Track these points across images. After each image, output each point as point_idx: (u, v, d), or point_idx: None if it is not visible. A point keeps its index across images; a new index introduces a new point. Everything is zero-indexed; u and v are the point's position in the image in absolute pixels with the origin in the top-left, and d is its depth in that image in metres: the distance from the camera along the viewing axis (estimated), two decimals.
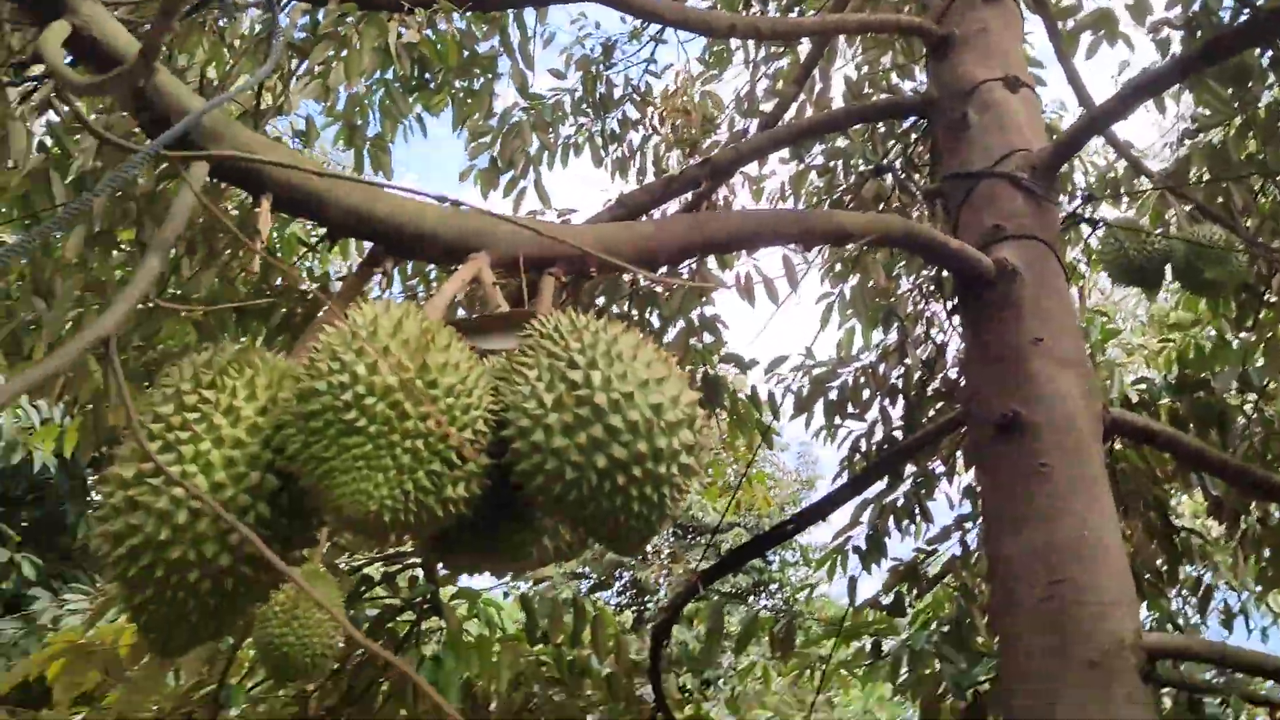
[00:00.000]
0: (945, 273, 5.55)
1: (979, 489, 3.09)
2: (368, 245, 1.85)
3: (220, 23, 4.95)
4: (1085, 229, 4.23)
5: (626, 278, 5.59)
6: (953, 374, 5.97)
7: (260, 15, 4.97)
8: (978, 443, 3.08)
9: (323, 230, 1.83)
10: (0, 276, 3.98)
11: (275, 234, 5.16)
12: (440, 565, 1.63)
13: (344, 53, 4.45)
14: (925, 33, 3.70)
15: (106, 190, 1.10)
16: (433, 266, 4.83)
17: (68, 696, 3.85)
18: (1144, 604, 5.34)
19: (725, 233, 2.33)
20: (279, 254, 5.07)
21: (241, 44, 5.07)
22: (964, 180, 3.35)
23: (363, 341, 1.39)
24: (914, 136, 5.77)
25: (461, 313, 3.86)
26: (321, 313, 1.71)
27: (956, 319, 5.47)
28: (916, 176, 5.62)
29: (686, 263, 5.66)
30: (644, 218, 4.40)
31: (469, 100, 6.33)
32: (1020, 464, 2.82)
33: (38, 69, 3.55)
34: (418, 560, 4.68)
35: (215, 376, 1.49)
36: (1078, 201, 3.93)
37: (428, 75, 6.11)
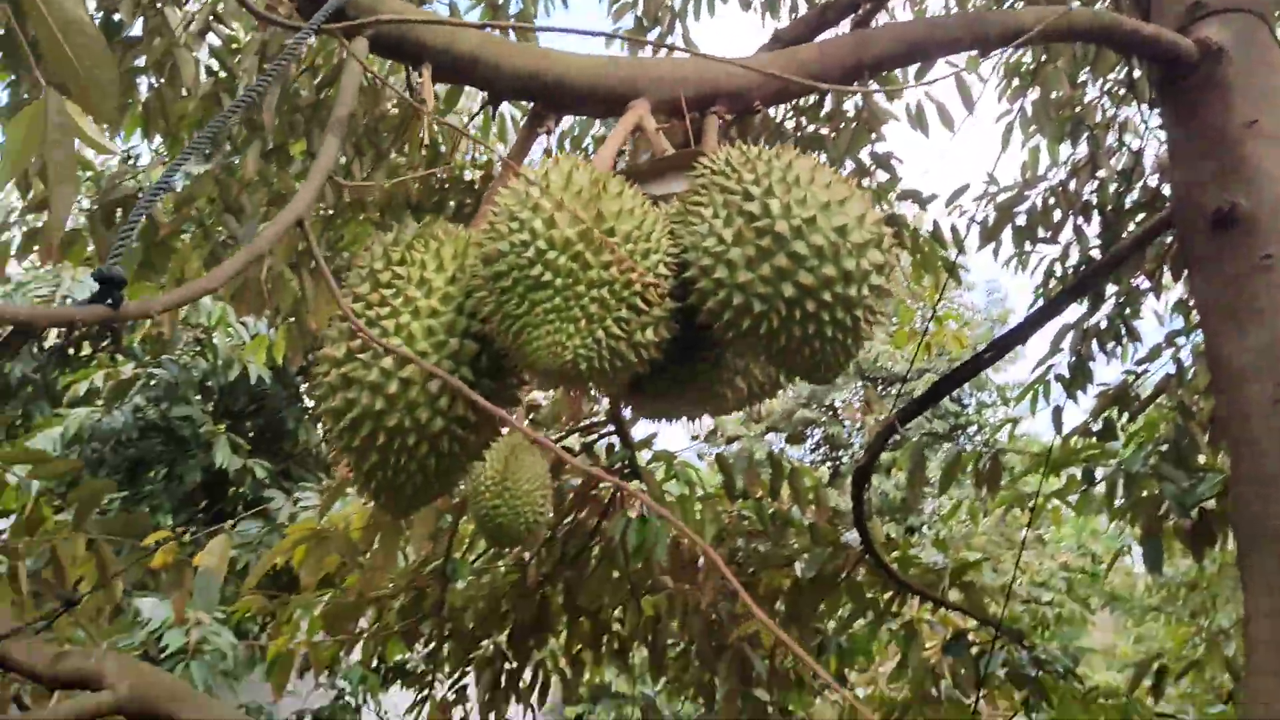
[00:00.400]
0: (1138, 72, 5.12)
1: (1192, 295, 2.87)
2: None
3: None
4: None
5: (790, 124, 5.42)
6: (1153, 181, 5.54)
7: None
8: (1191, 243, 2.85)
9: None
10: (188, 203, 4.21)
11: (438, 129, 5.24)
12: (635, 411, 1.65)
13: None
14: None
15: (279, 75, 1.12)
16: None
17: (313, 579, 4.20)
18: None
19: (892, 46, 2.18)
20: (443, 149, 5.15)
21: None
22: None
23: (537, 198, 1.39)
24: None
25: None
26: (494, 180, 1.72)
27: (1155, 120, 5.06)
28: None
29: (854, 98, 5.43)
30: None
31: None
32: (1240, 259, 2.59)
33: None
34: (613, 429, 4.82)
35: (404, 253, 1.53)
36: None
37: None
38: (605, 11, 5.98)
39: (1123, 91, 5.61)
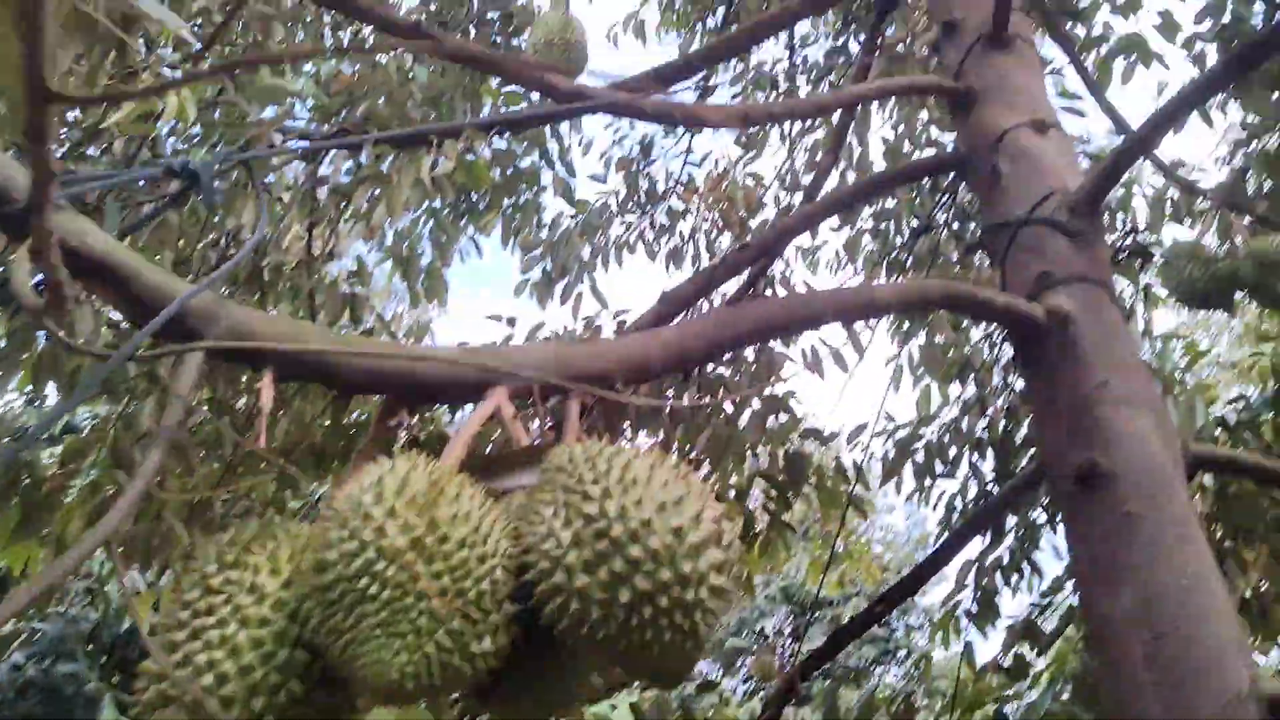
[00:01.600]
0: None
1: (1070, 546, 2.94)
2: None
3: (268, 179, 5.16)
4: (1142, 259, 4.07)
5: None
6: None
7: (305, 167, 5.17)
8: (1060, 498, 2.94)
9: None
10: (77, 457, 4.13)
11: None
12: (492, 715, 1.59)
13: (385, 193, 4.61)
14: (945, 90, 3.67)
15: (86, 394, 1.13)
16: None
17: None
18: None
19: (753, 324, 2.29)
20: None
21: (290, 194, 5.27)
22: (1003, 230, 3.27)
23: (369, 505, 1.39)
24: (962, 186, 5.69)
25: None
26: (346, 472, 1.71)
27: None
28: (972, 225, 5.53)
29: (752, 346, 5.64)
30: (692, 310, 4.40)
31: (517, 215, 6.47)
32: (1105, 515, 2.68)
33: None
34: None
35: (239, 554, 1.50)
36: (1135, 232, 3.79)
37: (475, 196, 6.28)
38: (516, 263, 6.19)
39: (1002, 336, 5.92)
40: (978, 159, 3.51)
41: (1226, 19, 5.43)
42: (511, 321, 5.51)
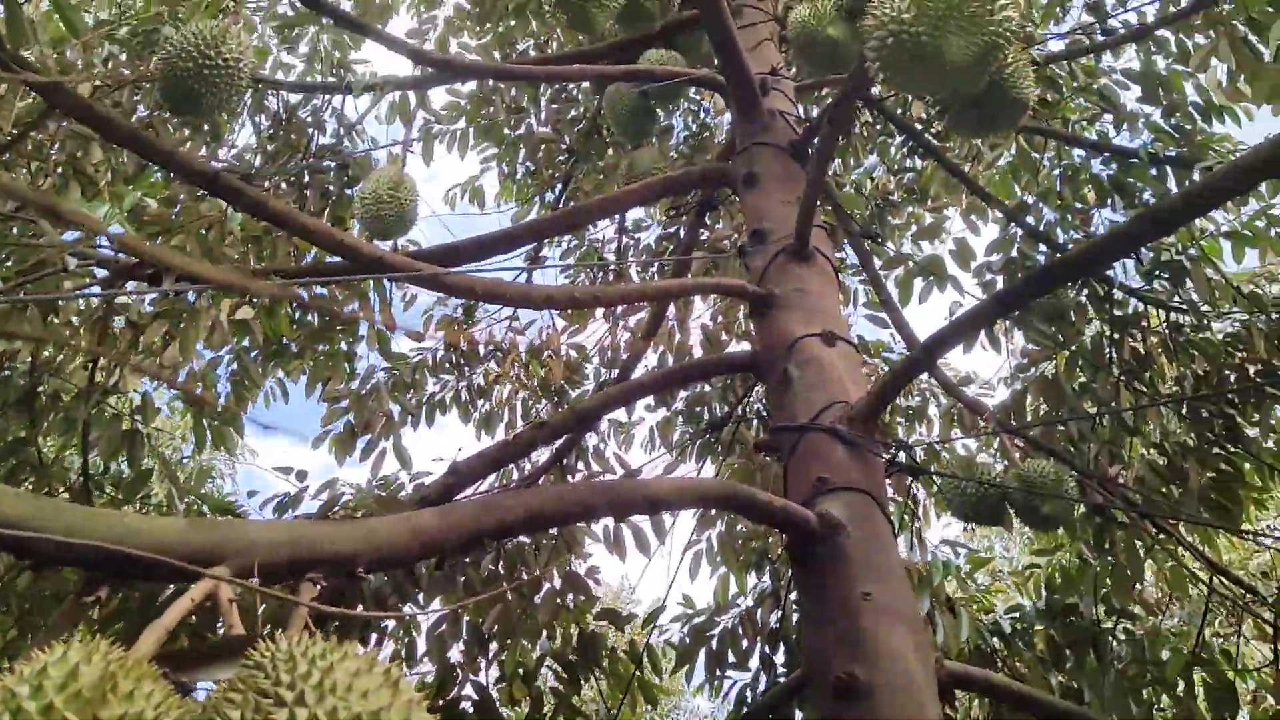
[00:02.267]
0: None
1: None
2: None
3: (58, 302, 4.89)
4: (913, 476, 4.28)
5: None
6: None
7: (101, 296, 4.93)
8: (819, 707, 2.95)
9: None
10: None
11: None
12: None
13: (181, 327, 4.43)
14: (748, 294, 3.84)
15: None
16: None
17: None
18: None
19: (521, 513, 2.25)
20: None
21: (79, 319, 5.00)
22: (789, 434, 3.39)
23: (23, 699, 1.24)
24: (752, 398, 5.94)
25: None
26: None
27: None
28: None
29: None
30: (490, 480, 4.34)
31: (329, 364, 6.32)
32: None
33: None
34: None
35: None
36: (907, 449, 3.99)
37: (286, 340, 6.10)
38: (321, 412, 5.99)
39: None
40: (771, 362, 3.66)
41: (1014, 253, 5.97)
42: (302, 475, 5.30)
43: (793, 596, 5.93)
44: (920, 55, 2.25)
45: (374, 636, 4.46)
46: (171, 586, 3.67)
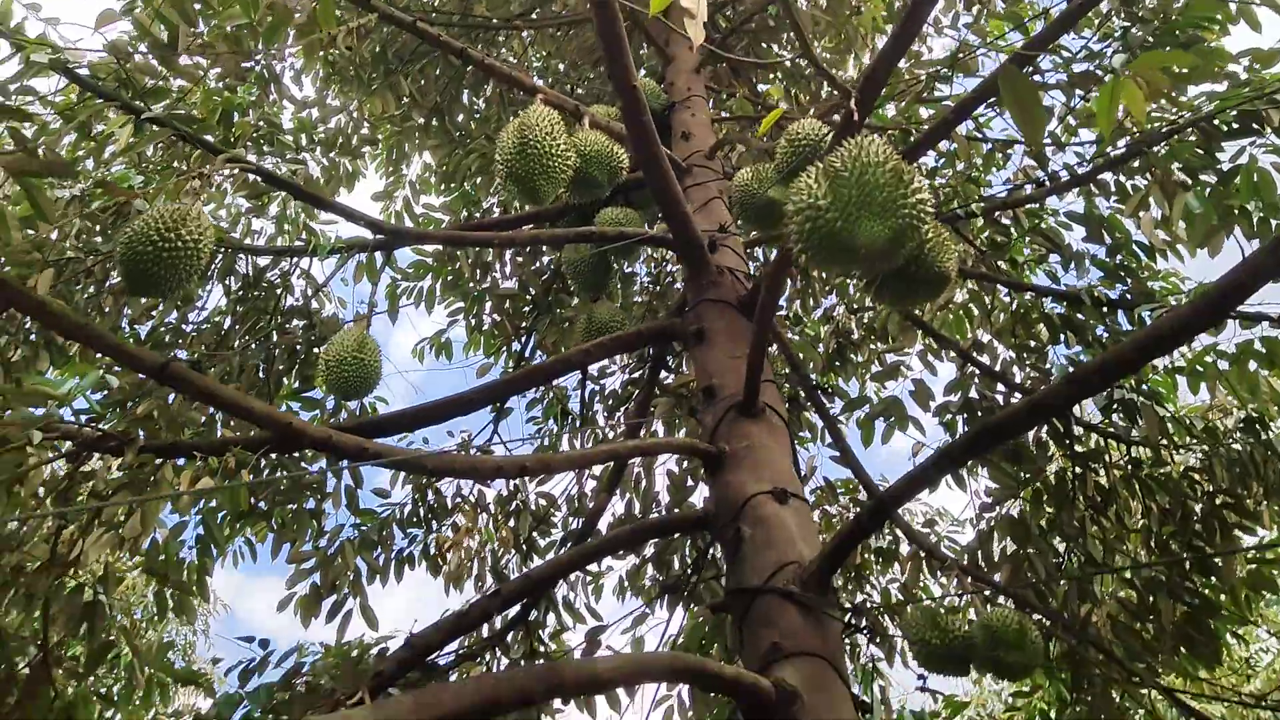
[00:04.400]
0: None
1: None
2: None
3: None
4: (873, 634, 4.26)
5: None
6: None
7: (66, 468, 4.93)
8: None
9: None
10: None
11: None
12: None
13: (141, 501, 4.42)
14: (699, 452, 3.89)
15: None
16: None
17: None
18: None
19: (460, 705, 2.24)
20: None
21: (44, 491, 4.99)
22: (742, 596, 3.38)
23: None
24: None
25: None
26: None
27: None
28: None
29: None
30: (450, 646, 4.28)
31: (295, 525, 6.28)
32: None
33: None
34: None
35: None
36: (863, 612, 3.98)
37: (255, 500, 6.09)
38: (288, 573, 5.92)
39: None
40: (724, 520, 3.68)
41: (973, 393, 6.08)
42: (265, 644, 5.22)
43: None
44: (835, 241, 2.36)
45: None
46: None
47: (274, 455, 5.29)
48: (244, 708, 4.73)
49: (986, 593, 4.58)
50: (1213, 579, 5.40)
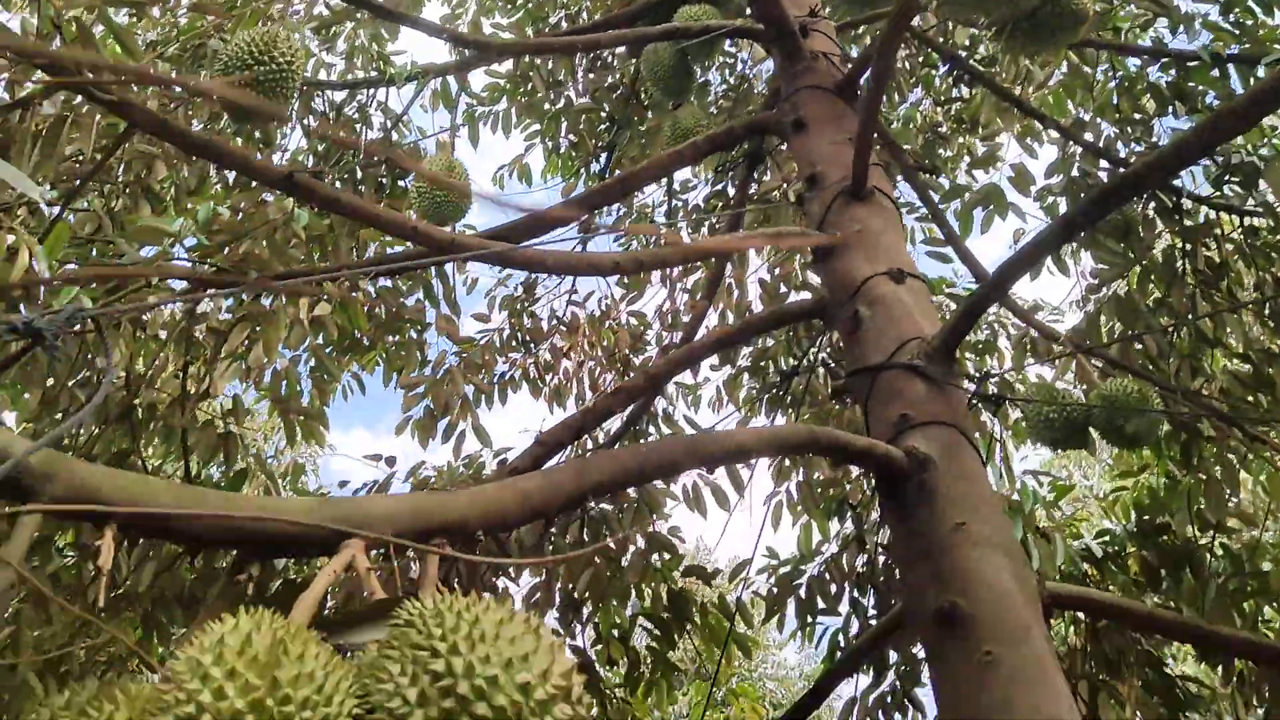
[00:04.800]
0: None
1: (935, 687, 2.98)
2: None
3: (144, 316, 5.07)
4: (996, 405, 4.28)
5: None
6: None
7: (183, 306, 5.09)
8: (922, 639, 3.00)
9: None
10: None
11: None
12: None
13: (261, 330, 4.57)
14: (809, 240, 3.86)
15: None
16: None
17: None
18: None
19: (612, 472, 2.33)
20: None
21: (167, 332, 5.17)
22: (864, 375, 3.42)
23: (208, 666, 1.35)
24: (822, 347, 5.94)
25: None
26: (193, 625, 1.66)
27: None
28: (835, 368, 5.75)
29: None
30: (569, 450, 4.43)
31: (402, 354, 6.46)
32: (965, 657, 2.73)
33: None
34: None
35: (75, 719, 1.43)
36: (987, 378, 3.99)
37: (359, 334, 6.26)
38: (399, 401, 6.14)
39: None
40: (839, 306, 3.68)
41: (1075, 172, 5.89)
42: (391, 461, 5.45)
43: (878, 538, 5.98)
44: None
45: None
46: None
47: (380, 282, 5.41)
48: None
49: (1100, 366, 4.54)
50: None
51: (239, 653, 1.37)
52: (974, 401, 3.84)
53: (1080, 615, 5.03)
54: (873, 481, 6.19)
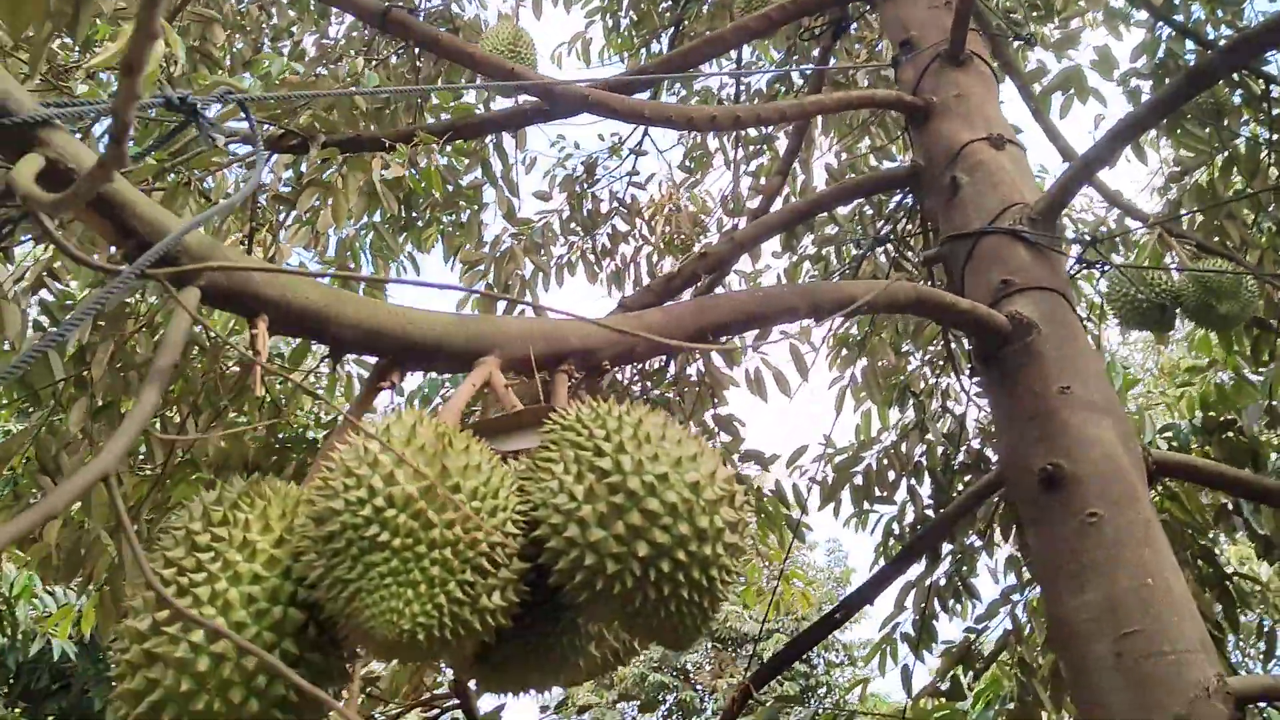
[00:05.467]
0: (954, 345, 5.51)
1: (1026, 553, 2.96)
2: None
3: (207, 183, 5.02)
4: (1092, 275, 4.18)
5: (636, 388, 5.53)
6: (976, 445, 5.86)
7: (243, 174, 5.03)
8: (1021, 503, 2.96)
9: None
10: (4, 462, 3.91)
11: (280, 386, 5.11)
12: (481, 684, 1.49)
13: (329, 199, 4.51)
14: (904, 105, 3.73)
15: (89, 315, 1.05)
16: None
17: None
18: None
19: (731, 313, 2.27)
20: (284, 406, 5.02)
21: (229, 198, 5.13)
22: (964, 241, 3.32)
23: (376, 453, 1.32)
24: (902, 215, 5.79)
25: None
26: (331, 437, 1.64)
27: (974, 390, 5.39)
28: (910, 252, 5.62)
29: (696, 364, 5.64)
30: None
31: (458, 233, 6.40)
32: (1069, 517, 2.70)
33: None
34: (456, 703, 4.49)
35: (226, 512, 1.41)
36: (1079, 250, 3.88)
37: (415, 214, 6.19)
38: (457, 279, 6.09)
39: (941, 362, 6.01)
40: (935, 172, 3.57)
41: (1161, 54, 5.65)
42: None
43: (940, 425, 5.94)
44: None
45: None
46: None
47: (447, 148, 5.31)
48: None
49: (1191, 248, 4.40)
50: None
51: (406, 441, 1.35)
52: (1076, 270, 3.75)
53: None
54: (937, 368, 6.14)
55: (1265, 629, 6.14)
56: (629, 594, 1.33)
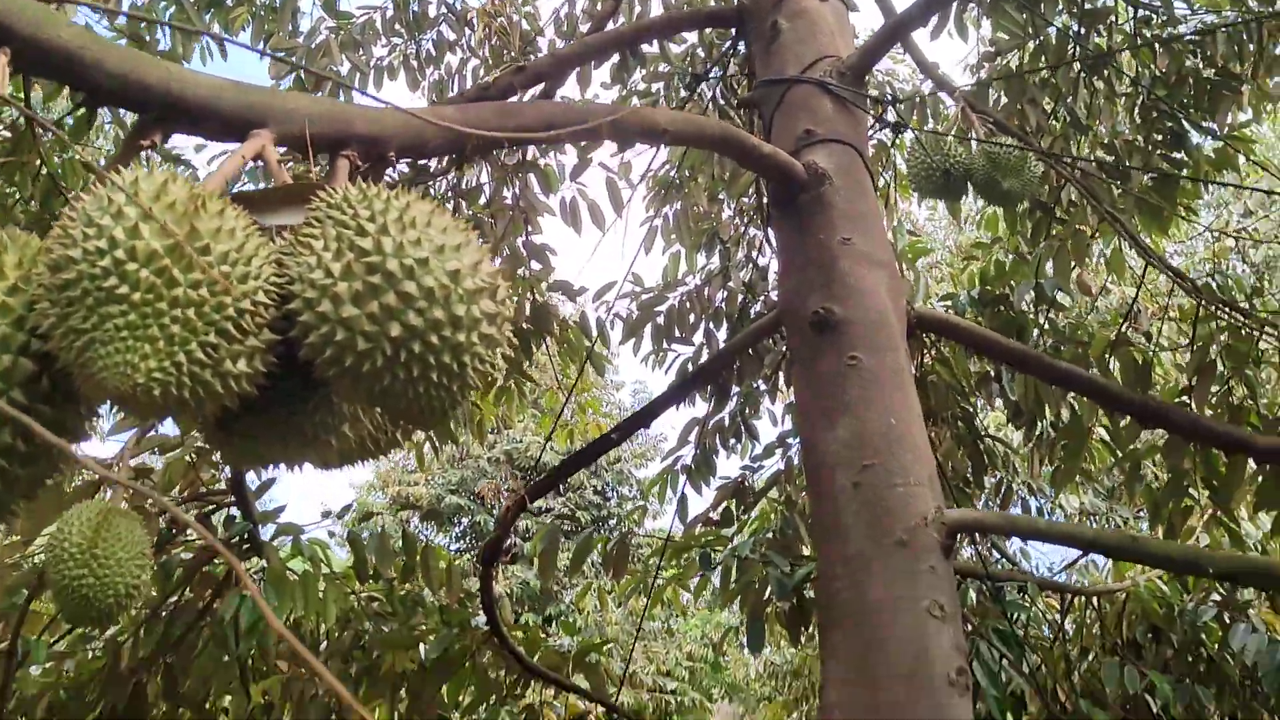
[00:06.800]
0: (765, 199, 5.65)
1: (796, 387, 3.15)
2: None
3: None
4: (890, 136, 4.34)
5: (449, 198, 5.43)
6: (774, 296, 6.11)
7: None
8: (793, 343, 3.14)
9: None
10: None
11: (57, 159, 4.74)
12: (226, 456, 1.50)
13: None
14: None
15: None
16: None
17: None
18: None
19: (534, 118, 2.25)
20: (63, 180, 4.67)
21: None
22: (776, 86, 3.38)
23: (121, 204, 1.27)
24: (730, 59, 5.81)
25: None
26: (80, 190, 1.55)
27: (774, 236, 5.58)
28: (735, 97, 5.66)
29: (514, 190, 5.58)
30: None
31: (270, 18, 5.99)
32: (832, 359, 2.89)
33: None
34: (234, 499, 4.47)
35: None
36: (896, 102, 4.01)
37: None
38: (265, 69, 5.72)
39: (751, 213, 6.17)
40: (761, 15, 3.58)
41: None
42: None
43: (743, 275, 6.14)
44: None
45: None
46: None
47: None
48: None
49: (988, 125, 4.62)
50: (1182, 154, 5.54)
51: (155, 197, 1.30)
52: (876, 126, 3.88)
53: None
54: (747, 218, 6.30)
55: (1003, 486, 6.84)
56: (378, 372, 1.35)
